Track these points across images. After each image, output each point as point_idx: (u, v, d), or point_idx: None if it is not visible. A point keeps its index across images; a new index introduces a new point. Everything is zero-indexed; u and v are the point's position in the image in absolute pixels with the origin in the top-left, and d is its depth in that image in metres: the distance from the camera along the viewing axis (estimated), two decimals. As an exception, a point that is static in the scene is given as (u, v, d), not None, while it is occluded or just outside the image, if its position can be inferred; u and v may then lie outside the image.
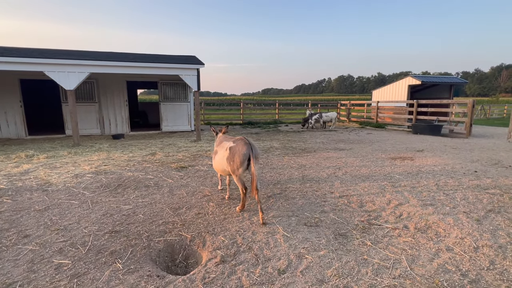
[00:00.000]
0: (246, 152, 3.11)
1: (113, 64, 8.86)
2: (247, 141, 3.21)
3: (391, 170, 5.58)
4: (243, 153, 3.12)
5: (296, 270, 2.30)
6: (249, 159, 3.12)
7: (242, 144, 3.19)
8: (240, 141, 3.24)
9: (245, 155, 3.11)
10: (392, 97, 18.08)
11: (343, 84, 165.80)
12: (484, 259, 2.47)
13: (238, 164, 3.15)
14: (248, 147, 3.14)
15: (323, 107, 21.40)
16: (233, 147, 3.24)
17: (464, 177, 5.02)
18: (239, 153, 3.15)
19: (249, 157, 3.12)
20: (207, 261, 2.45)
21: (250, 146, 3.15)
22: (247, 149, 3.13)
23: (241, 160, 3.12)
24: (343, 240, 2.81)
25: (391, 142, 9.49)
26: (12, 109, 10.21)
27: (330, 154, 7.20)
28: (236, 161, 3.16)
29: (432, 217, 3.33)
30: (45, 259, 2.46)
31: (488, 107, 24.99)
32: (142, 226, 3.11)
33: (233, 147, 3.25)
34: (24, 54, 8.25)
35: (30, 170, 5.48)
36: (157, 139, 9.94)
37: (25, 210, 3.52)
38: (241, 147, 3.16)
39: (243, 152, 3.12)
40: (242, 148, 3.15)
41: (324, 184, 4.66)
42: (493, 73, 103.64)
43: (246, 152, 3.11)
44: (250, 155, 3.11)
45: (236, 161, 3.16)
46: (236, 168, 3.18)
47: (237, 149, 3.19)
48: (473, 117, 10.83)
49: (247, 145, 3.15)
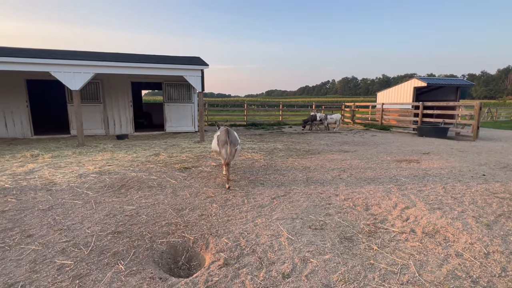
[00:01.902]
0: (224, 139, 4.50)
1: (118, 64, 8.91)
2: (227, 132, 4.55)
3: (396, 172, 5.50)
4: (222, 139, 4.52)
5: (301, 275, 2.25)
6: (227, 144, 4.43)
7: (223, 133, 4.59)
8: (223, 132, 4.62)
9: (224, 141, 4.49)
10: (397, 99, 17.92)
11: (347, 86, 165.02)
12: (495, 266, 2.39)
13: (220, 146, 4.54)
14: (226, 135, 4.49)
15: (327, 109, 21.30)
16: (219, 136, 4.66)
17: (472, 181, 4.92)
18: (221, 139, 4.55)
19: (226, 142, 4.44)
20: (210, 263, 2.42)
21: (227, 135, 4.48)
22: (225, 136, 4.50)
23: (222, 144, 4.51)
24: (349, 244, 2.75)
25: (397, 144, 9.38)
26: (18, 109, 10.31)
27: (334, 156, 7.13)
28: (219, 144, 4.55)
29: (440, 221, 3.26)
30: (47, 259, 2.44)
31: (495, 109, 24.65)
32: (145, 227, 3.09)
33: (219, 136, 4.67)
34: (31, 55, 8.34)
35: (35, 169, 5.50)
36: (161, 139, 9.96)
37: (29, 210, 3.53)
38: (223, 136, 4.55)
39: (222, 138, 4.53)
40: (223, 136, 4.54)
41: (329, 186, 4.60)
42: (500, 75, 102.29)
43: (224, 139, 4.50)
44: (227, 140, 4.43)
45: (220, 144, 4.54)
46: (220, 148, 4.56)
47: (220, 137, 4.60)
48: (480, 120, 10.67)
49: (225, 134, 4.52)
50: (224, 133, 4.58)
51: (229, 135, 4.52)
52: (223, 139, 4.50)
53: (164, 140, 9.70)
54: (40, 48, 11.14)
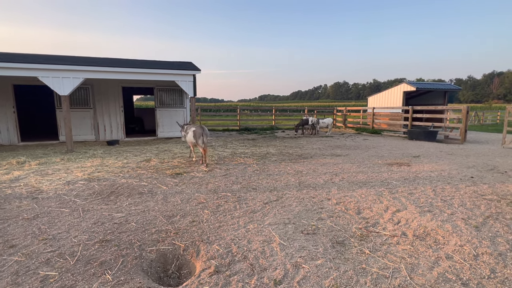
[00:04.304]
0: (200, 132, 6.11)
1: (108, 69, 8.80)
2: (201, 127, 6.21)
3: (388, 176, 5.55)
4: (199, 132, 6.12)
5: (293, 281, 2.23)
6: (202, 136, 6.13)
7: (199, 128, 6.20)
8: (198, 127, 6.24)
9: (200, 134, 6.11)
10: (387, 103, 18.23)
11: (339, 90, 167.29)
12: (484, 268, 2.41)
13: (197, 138, 6.14)
14: (201, 130, 6.14)
15: (320, 113, 21.49)
16: (195, 130, 6.21)
17: (461, 183, 5.00)
18: (198, 132, 6.13)
19: (202, 134, 6.11)
20: (201, 271, 2.37)
21: (202, 130, 6.15)
22: (201, 131, 6.13)
23: (198, 136, 6.12)
24: (341, 248, 2.74)
25: (387, 148, 9.50)
26: (5, 115, 10.04)
27: (326, 160, 7.17)
28: (196, 136, 6.15)
29: (431, 224, 3.29)
30: (30, 271, 2.35)
31: (482, 113, 25.34)
32: (134, 235, 3.01)
33: (195, 130, 6.22)
34: (18, 60, 8.16)
35: (20, 177, 5.34)
36: (152, 145, 9.84)
37: (13, 219, 3.40)
38: (199, 130, 6.15)
39: (198, 132, 6.12)
40: (199, 130, 6.15)
41: (321, 190, 4.60)
42: (485, 80, 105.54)
43: (200, 132, 6.11)
44: (202, 133, 6.11)
45: (196, 137, 6.16)
46: (197, 140, 6.16)
47: (196, 131, 6.16)
48: (467, 123, 10.93)
49: (201, 129, 6.16)
50: (199, 128, 6.20)
51: (203, 130, 6.21)
52: (200, 132, 6.11)
53: (155, 146, 9.59)
54: (27, 53, 10.94)
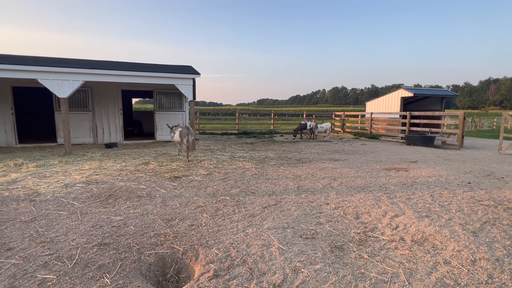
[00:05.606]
0: (186, 132, 7.18)
1: (108, 72, 8.83)
2: (187, 128, 7.29)
3: (386, 181, 5.58)
4: (184, 132, 7.19)
5: (292, 285, 2.23)
6: (188, 135, 7.20)
7: (185, 129, 7.23)
8: (184, 128, 7.28)
9: (185, 134, 7.18)
10: (385, 109, 18.36)
11: (337, 95, 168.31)
12: (482, 273, 2.43)
13: (182, 138, 7.24)
14: (187, 130, 7.20)
15: (318, 118, 21.59)
16: (181, 131, 7.23)
17: (458, 189, 5.04)
18: (183, 133, 7.20)
19: (187, 134, 7.18)
20: (200, 275, 2.36)
21: (188, 130, 7.22)
22: (186, 131, 7.19)
23: (183, 136, 7.21)
24: (340, 253, 2.75)
25: (385, 153, 9.55)
26: (3, 116, 10.01)
27: (325, 165, 7.19)
28: (182, 136, 7.23)
29: (429, 229, 3.30)
30: (28, 274, 2.33)
31: (479, 119, 25.56)
32: (132, 238, 3.00)
33: (181, 131, 7.24)
34: (18, 62, 8.17)
35: (18, 179, 5.31)
36: (151, 148, 9.83)
37: (10, 222, 3.38)
38: (184, 130, 7.20)
39: (184, 132, 7.19)
40: (184, 131, 7.19)
41: (320, 195, 4.62)
42: (482, 86, 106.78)
43: (185, 132, 7.18)
44: (188, 133, 7.18)
45: (182, 136, 7.23)
46: (182, 139, 7.26)
47: (182, 131, 7.20)
48: (464, 129, 11.02)
49: (186, 130, 7.22)
50: (185, 129, 7.23)
51: (189, 130, 7.25)
52: (185, 132, 7.18)
53: (154, 149, 9.58)
54: (26, 55, 10.95)
